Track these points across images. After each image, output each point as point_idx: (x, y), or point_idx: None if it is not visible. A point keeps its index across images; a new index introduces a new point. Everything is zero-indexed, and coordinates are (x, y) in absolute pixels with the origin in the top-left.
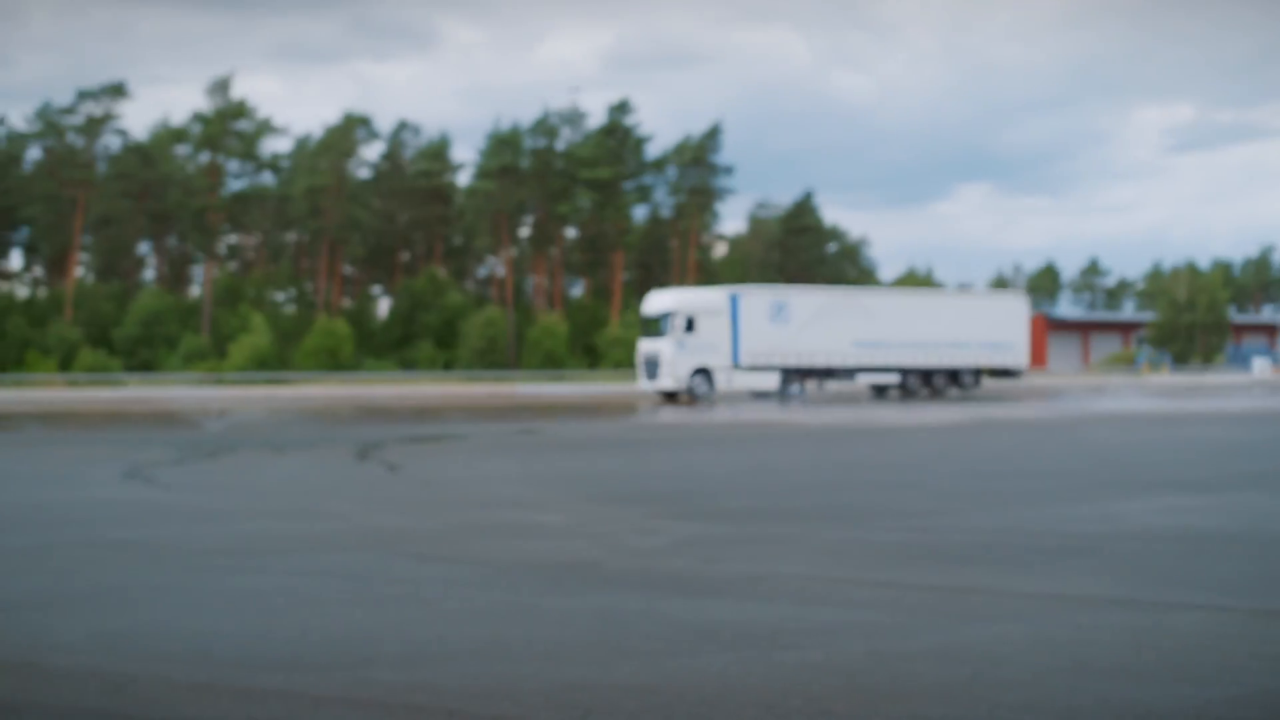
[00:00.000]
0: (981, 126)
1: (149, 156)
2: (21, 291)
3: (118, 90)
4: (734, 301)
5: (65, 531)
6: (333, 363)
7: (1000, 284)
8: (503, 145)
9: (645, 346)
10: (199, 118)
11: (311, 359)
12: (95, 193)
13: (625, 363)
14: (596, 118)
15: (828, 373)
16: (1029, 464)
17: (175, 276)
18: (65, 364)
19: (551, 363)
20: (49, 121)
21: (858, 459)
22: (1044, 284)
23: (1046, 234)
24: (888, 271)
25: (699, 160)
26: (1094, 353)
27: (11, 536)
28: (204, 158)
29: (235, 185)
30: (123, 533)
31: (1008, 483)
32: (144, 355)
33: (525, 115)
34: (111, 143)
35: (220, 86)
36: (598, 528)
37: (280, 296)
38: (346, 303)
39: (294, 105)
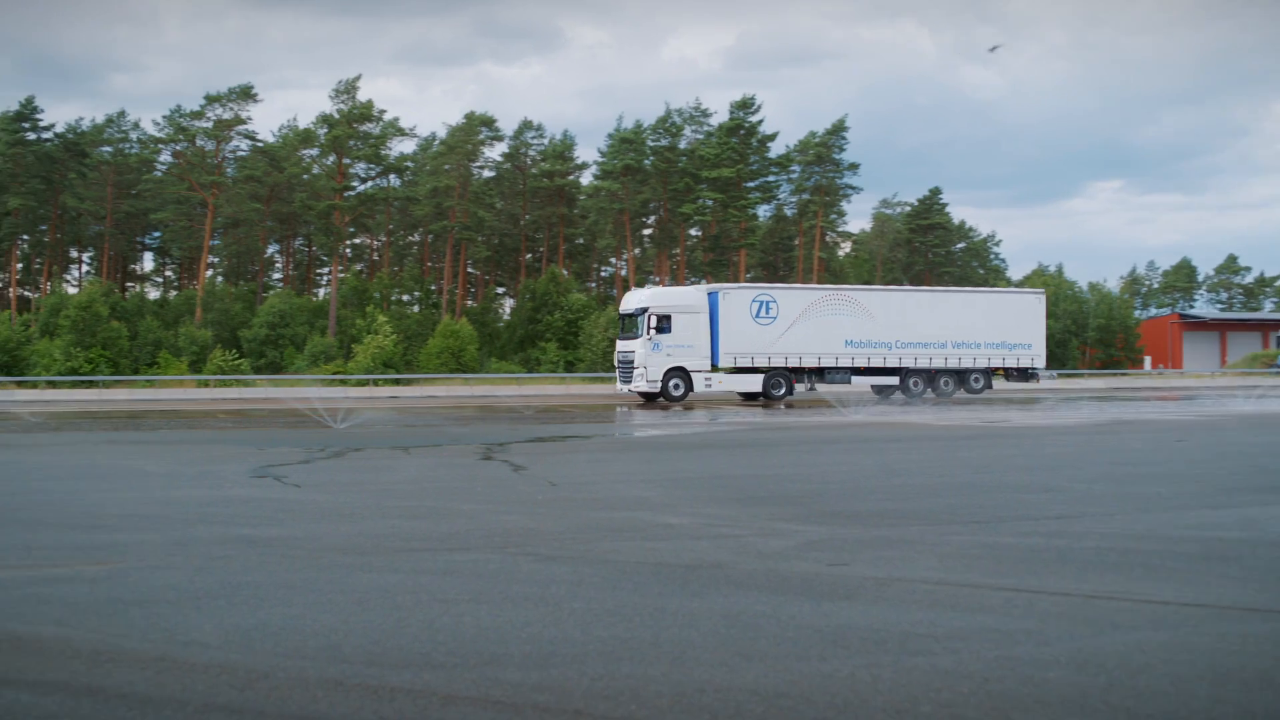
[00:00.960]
0: (1113, 121)
1: (276, 159)
2: (153, 293)
3: (246, 93)
4: (713, 299)
5: (198, 529)
6: (456, 363)
7: (1135, 283)
8: (626, 144)
9: (621, 346)
10: (325, 120)
11: (435, 359)
12: (224, 195)
13: None
14: (720, 116)
15: (818, 373)
16: (1165, 467)
17: (302, 278)
18: (196, 365)
19: None
20: (179, 126)
21: (984, 461)
22: (1179, 282)
23: (1181, 231)
24: (1016, 270)
25: (823, 158)
26: (1232, 353)
27: (147, 533)
28: (330, 160)
29: (361, 187)
30: (253, 530)
31: (1144, 486)
32: (271, 356)
33: (648, 114)
34: (240, 146)
35: (346, 89)
36: (723, 529)
37: (405, 297)
38: (470, 303)
39: (419, 107)
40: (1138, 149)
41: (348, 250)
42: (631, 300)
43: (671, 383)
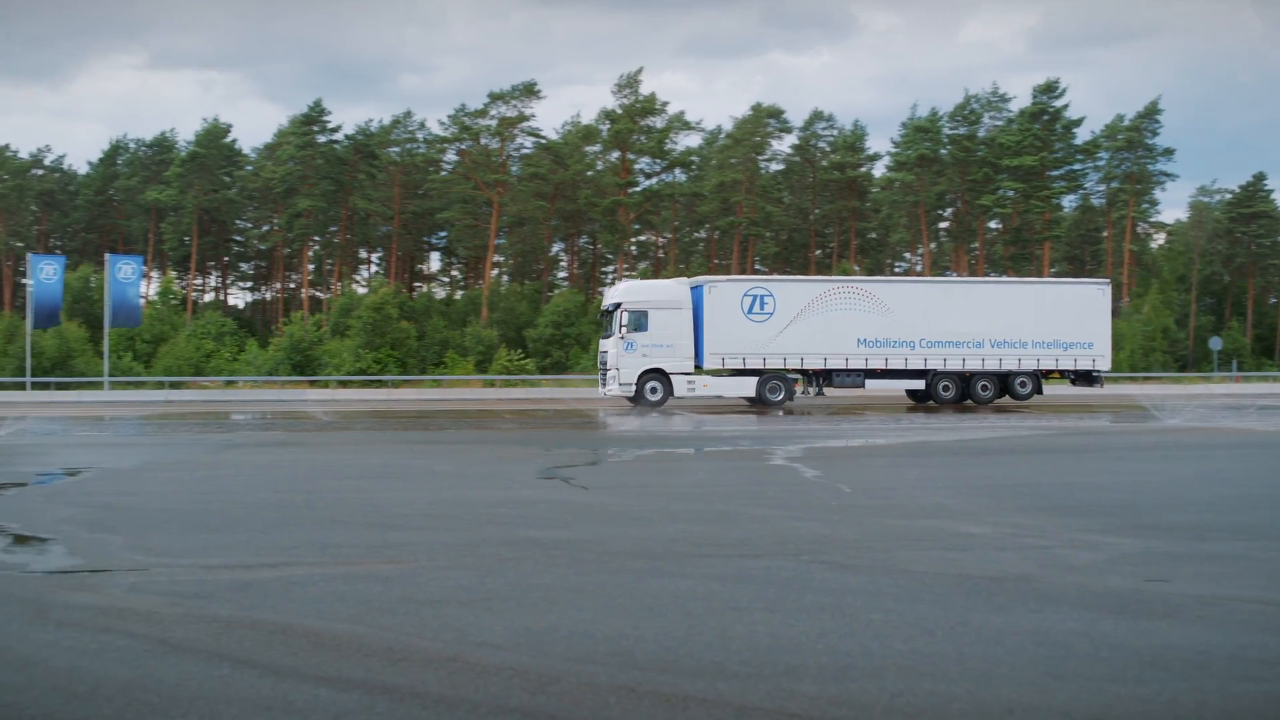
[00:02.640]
0: None
1: (560, 156)
2: (440, 293)
3: (529, 90)
4: (697, 294)
5: (487, 530)
6: None
7: None
8: (921, 134)
9: (601, 346)
10: (608, 115)
11: None
12: (509, 194)
13: None
14: (1021, 101)
15: (825, 376)
16: None
17: (587, 276)
18: (482, 365)
19: None
20: (464, 125)
21: None
22: None
23: None
24: None
25: (1134, 143)
26: None
27: (437, 533)
28: (614, 156)
29: (646, 183)
30: (542, 532)
31: None
32: (556, 355)
33: (945, 101)
34: (524, 144)
35: (629, 83)
36: (1029, 540)
37: None
38: None
39: (705, 100)
40: None
41: (633, 248)
42: (609, 296)
43: (648, 386)
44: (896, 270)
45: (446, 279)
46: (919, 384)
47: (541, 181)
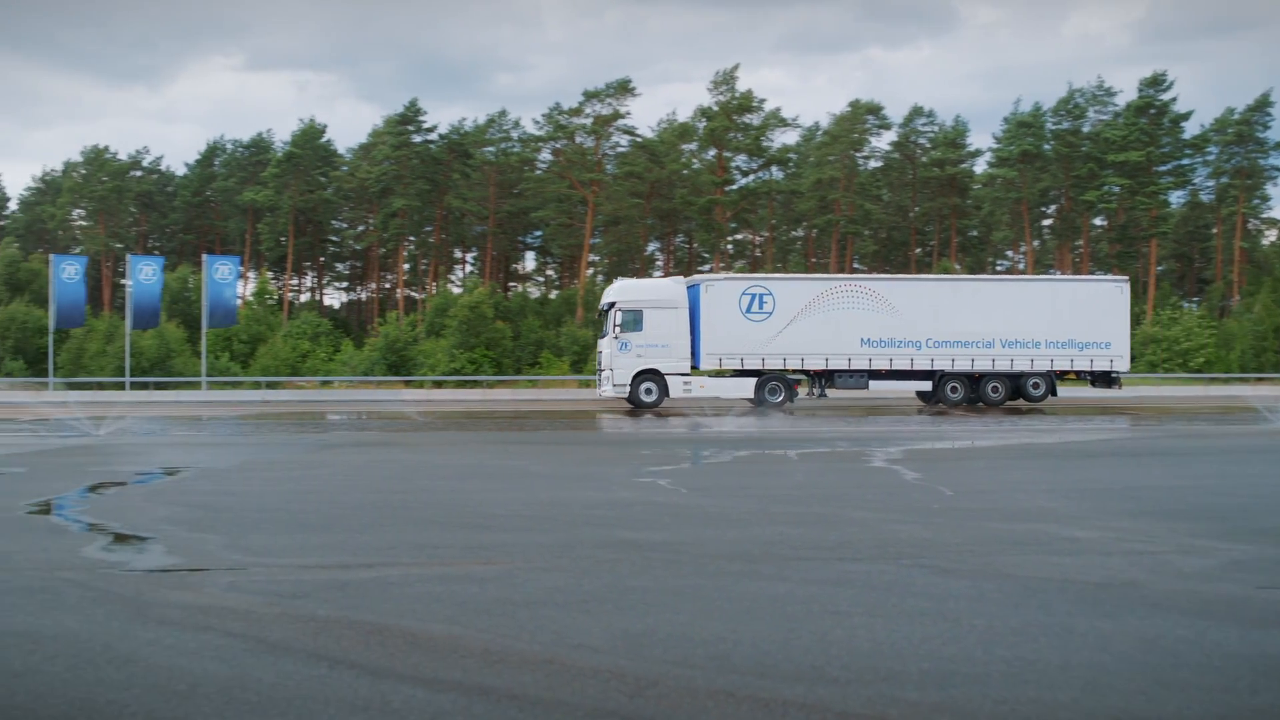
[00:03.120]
0: None
1: (656, 154)
2: (535, 292)
3: (624, 88)
4: (694, 293)
5: (583, 531)
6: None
7: None
8: (1023, 129)
9: (599, 347)
10: (704, 113)
11: None
12: (604, 193)
13: (1160, 364)
14: (1127, 95)
15: (827, 376)
16: None
17: (683, 275)
18: (578, 365)
19: None
20: (558, 124)
21: None
22: None
23: None
24: None
25: (1245, 137)
26: None
27: (533, 534)
28: (710, 154)
29: (742, 181)
30: (637, 534)
31: None
32: None
33: (1048, 96)
34: (619, 142)
35: (725, 80)
36: (1136, 544)
37: None
38: None
39: (802, 96)
40: None
41: (729, 246)
42: (606, 295)
43: (643, 387)
44: (999, 269)
45: (541, 278)
46: (926, 385)
47: (637, 180)
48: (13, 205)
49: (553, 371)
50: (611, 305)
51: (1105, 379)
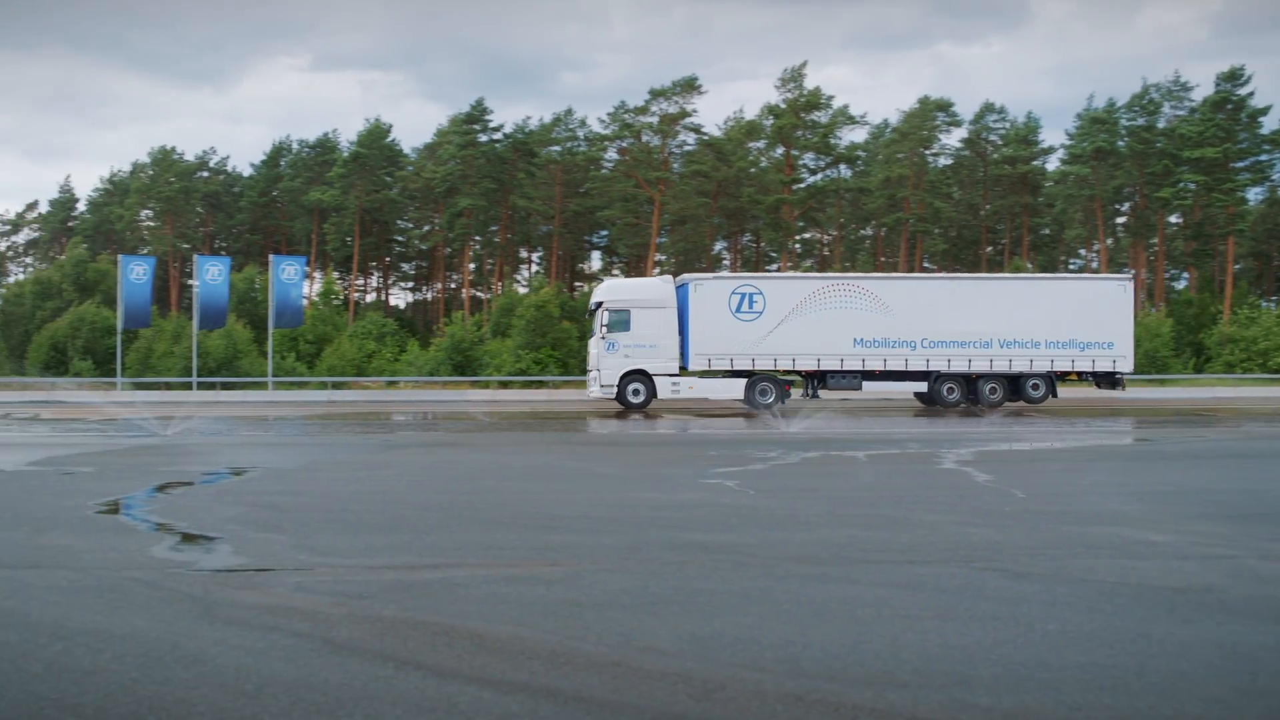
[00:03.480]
0: None
1: (723, 152)
2: None
3: (690, 86)
4: (682, 292)
5: (650, 533)
6: None
7: None
8: (1096, 125)
9: (589, 348)
10: (771, 110)
11: None
12: (670, 191)
13: (1238, 364)
14: (1204, 90)
15: (819, 377)
16: None
17: (752, 274)
18: None
19: (1154, 365)
20: (624, 122)
21: None
22: None
23: None
24: None
25: None
26: None
27: (600, 536)
28: (778, 152)
29: (810, 179)
30: (706, 536)
31: None
32: None
33: (1121, 91)
34: (686, 140)
35: (792, 77)
36: (1214, 549)
37: None
38: None
39: (871, 93)
40: None
41: (797, 246)
42: (593, 295)
43: (630, 388)
44: (1071, 267)
45: (608, 278)
46: (921, 386)
47: (704, 179)
48: (81, 206)
49: None
50: (599, 305)
51: (1109, 380)
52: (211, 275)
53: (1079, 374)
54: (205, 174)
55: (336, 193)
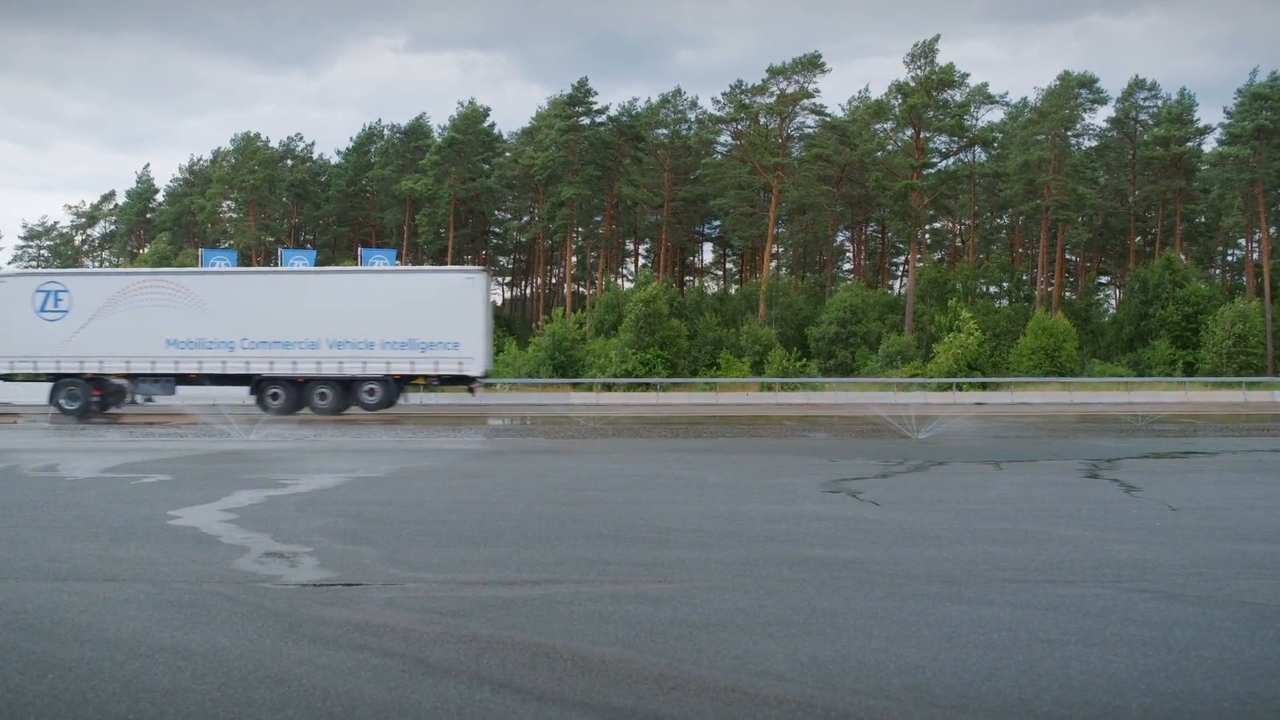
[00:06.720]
0: None
1: (847, 135)
2: (712, 288)
3: (812, 64)
4: None
5: (766, 548)
6: (1052, 365)
7: None
8: (1259, 102)
9: None
10: (900, 89)
11: (1028, 360)
12: (789, 178)
13: None
14: None
15: (130, 381)
16: None
17: (875, 268)
18: (758, 366)
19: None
20: (740, 103)
21: None
22: None
23: None
24: None
25: None
26: None
27: (712, 551)
28: (907, 134)
29: (942, 164)
30: (827, 551)
31: None
32: (841, 356)
33: None
34: (806, 122)
35: (924, 53)
36: None
37: (992, 289)
38: (1068, 295)
39: (1010, 70)
40: None
41: (926, 236)
42: None
43: None
44: (1229, 260)
45: (720, 272)
46: (242, 389)
47: (825, 164)
48: (160, 197)
49: (732, 373)
50: None
51: (458, 382)
52: None
53: (425, 378)
54: (290, 162)
55: (429, 181)
